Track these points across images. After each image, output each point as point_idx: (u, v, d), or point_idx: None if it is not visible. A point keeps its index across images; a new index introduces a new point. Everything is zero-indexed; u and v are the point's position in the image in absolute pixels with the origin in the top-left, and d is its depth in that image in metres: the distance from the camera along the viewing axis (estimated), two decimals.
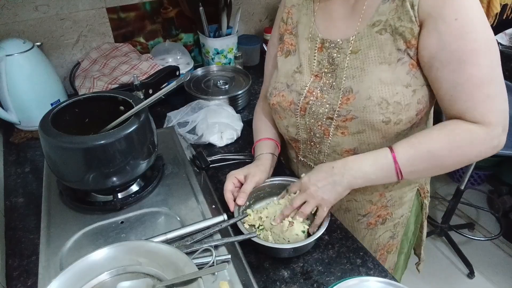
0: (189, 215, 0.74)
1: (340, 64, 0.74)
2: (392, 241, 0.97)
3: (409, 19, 0.66)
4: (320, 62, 0.78)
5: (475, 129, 0.66)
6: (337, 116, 0.74)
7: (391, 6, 0.68)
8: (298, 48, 0.81)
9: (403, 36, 0.67)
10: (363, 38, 0.71)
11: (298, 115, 0.81)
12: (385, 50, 0.69)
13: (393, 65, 0.69)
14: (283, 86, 0.83)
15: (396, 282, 0.62)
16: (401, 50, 0.68)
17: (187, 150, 0.96)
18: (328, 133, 0.78)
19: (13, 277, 0.72)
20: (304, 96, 0.79)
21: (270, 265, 0.74)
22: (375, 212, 0.90)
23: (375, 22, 0.70)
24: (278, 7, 0.91)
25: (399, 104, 0.69)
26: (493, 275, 1.94)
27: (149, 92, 1.14)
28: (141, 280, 0.55)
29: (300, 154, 0.90)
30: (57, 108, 0.75)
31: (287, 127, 0.86)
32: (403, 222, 0.95)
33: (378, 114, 0.70)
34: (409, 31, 0.66)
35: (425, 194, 0.96)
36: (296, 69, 0.81)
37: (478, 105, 0.66)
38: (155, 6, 1.41)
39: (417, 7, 0.65)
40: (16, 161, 1.04)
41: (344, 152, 0.79)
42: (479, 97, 0.65)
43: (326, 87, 0.76)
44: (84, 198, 0.78)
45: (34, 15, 1.22)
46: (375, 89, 0.70)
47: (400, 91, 0.69)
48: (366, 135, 0.74)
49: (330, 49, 0.76)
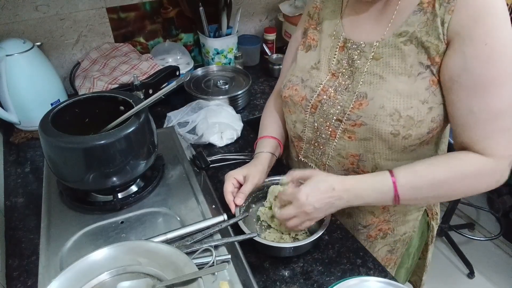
0: (189, 215, 0.74)
1: (360, 67, 0.72)
2: (390, 256, 0.95)
3: (437, 36, 0.63)
4: (339, 61, 0.76)
5: (483, 162, 0.64)
6: (347, 120, 0.73)
7: (421, 18, 0.65)
8: (320, 44, 0.80)
9: (428, 51, 0.65)
10: (386, 45, 0.69)
11: (308, 112, 0.80)
12: (407, 61, 0.67)
13: (412, 77, 0.67)
14: (298, 80, 0.82)
15: (396, 282, 0.62)
16: (423, 65, 0.66)
17: (187, 150, 0.96)
18: (335, 135, 0.77)
19: (13, 277, 0.72)
20: (317, 94, 0.77)
21: (270, 265, 0.74)
22: (376, 225, 0.88)
23: (402, 32, 0.67)
24: (307, 2, 0.89)
25: (411, 119, 0.67)
26: (493, 275, 1.94)
27: (149, 92, 1.14)
28: (141, 280, 0.55)
29: (301, 154, 0.89)
30: (57, 108, 0.75)
31: (295, 122, 0.85)
32: (404, 240, 0.93)
33: (388, 125, 0.68)
34: (435, 47, 0.64)
35: (433, 216, 0.92)
36: (314, 64, 0.80)
37: (490, 136, 0.63)
38: (155, 6, 1.41)
39: (447, 25, 0.62)
40: (16, 161, 1.04)
41: (349, 156, 0.78)
42: (492, 129, 0.63)
43: (341, 88, 0.75)
44: (84, 198, 0.78)
45: (34, 15, 1.22)
46: (390, 99, 0.68)
47: (416, 105, 0.67)
48: (372, 143, 0.73)
49: (352, 50, 0.74)
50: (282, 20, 1.62)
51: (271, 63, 1.50)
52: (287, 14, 1.54)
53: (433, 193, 0.68)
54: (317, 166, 0.86)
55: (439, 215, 0.96)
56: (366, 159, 0.76)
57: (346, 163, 0.80)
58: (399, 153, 0.74)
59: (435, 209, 0.93)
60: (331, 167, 0.83)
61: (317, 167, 0.86)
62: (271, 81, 1.49)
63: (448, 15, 0.61)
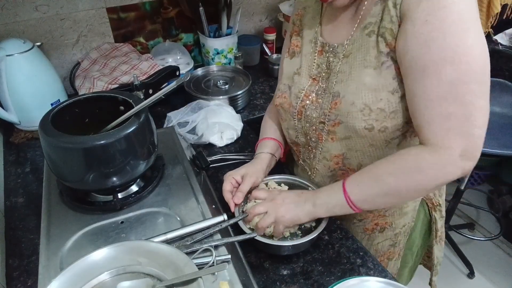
0: (189, 215, 0.74)
1: (334, 68, 0.73)
2: (393, 249, 0.94)
3: (390, 19, 0.63)
4: (319, 65, 0.77)
5: (423, 154, 0.61)
6: (328, 121, 0.74)
7: (380, 7, 0.65)
8: (302, 50, 0.81)
9: (384, 37, 0.64)
10: (355, 41, 0.69)
11: (296, 119, 0.81)
12: (371, 53, 0.66)
13: (378, 69, 0.66)
14: (286, 88, 0.83)
15: (396, 282, 0.62)
16: (383, 53, 0.65)
17: (187, 150, 0.96)
18: (321, 138, 0.78)
19: (13, 277, 0.72)
20: (301, 100, 0.79)
21: (270, 265, 0.74)
22: (371, 220, 0.88)
23: (367, 24, 0.67)
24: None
25: (382, 111, 0.67)
26: (493, 275, 1.94)
27: (149, 92, 1.14)
28: (141, 280, 0.55)
29: (300, 158, 0.90)
30: (57, 108, 0.75)
31: (288, 129, 0.86)
32: (405, 231, 0.92)
33: (360, 121, 0.68)
34: (389, 32, 0.63)
35: (435, 207, 0.91)
36: (296, 70, 0.81)
37: (430, 122, 0.60)
38: (155, 6, 1.41)
39: (399, 6, 0.61)
40: (16, 161, 1.04)
41: (333, 158, 0.79)
42: (433, 114, 0.59)
43: (321, 91, 0.76)
44: (84, 198, 0.78)
45: (34, 15, 1.22)
46: (358, 94, 0.68)
47: (385, 97, 0.66)
48: (353, 141, 0.73)
49: (329, 53, 0.75)
50: (282, 20, 1.62)
51: (271, 63, 1.50)
52: (287, 14, 1.54)
53: (378, 189, 0.65)
54: (310, 170, 0.87)
55: (444, 208, 0.93)
56: (350, 157, 0.77)
57: (331, 165, 0.81)
58: (383, 149, 0.73)
59: (436, 200, 0.91)
60: (319, 170, 0.85)
61: (310, 171, 0.88)
62: (271, 81, 1.49)
63: None
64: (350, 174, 0.80)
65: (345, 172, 0.81)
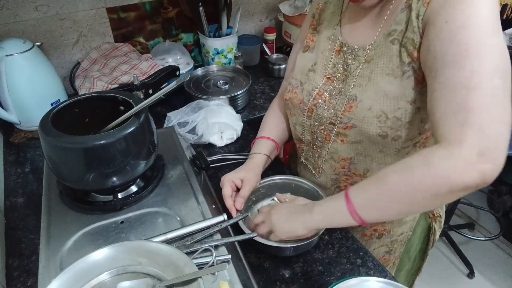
0: (189, 215, 0.74)
1: (353, 71, 0.72)
2: (388, 256, 0.94)
3: (412, 30, 0.62)
4: (335, 65, 0.76)
5: (434, 150, 0.53)
6: (339, 123, 0.73)
7: (406, 16, 0.64)
8: (318, 46, 0.80)
9: (406, 47, 0.63)
10: (378, 47, 0.68)
11: (305, 116, 0.81)
12: (394, 61, 0.66)
13: (398, 78, 0.65)
14: (297, 83, 0.82)
15: (396, 282, 0.62)
16: (405, 63, 0.64)
17: (187, 150, 0.96)
18: (329, 138, 0.77)
19: (13, 277, 0.72)
20: (313, 98, 0.78)
21: (270, 265, 0.74)
22: (370, 226, 0.88)
23: (391, 31, 0.66)
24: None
25: (398, 120, 0.67)
26: (493, 275, 1.94)
27: (149, 92, 1.14)
28: (141, 280, 0.55)
29: (303, 156, 0.90)
30: (57, 108, 0.75)
31: (295, 125, 0.86)
32: (402, 240, 0.92)
33: (375, 127, 0.68)
34: (411, 42, 0.62)
35: (436, 218, 0.89)
36: (311, 66, 0.80)
37: (448, 116, 0.53)
38: (155, 6, 1.41)
39: (422, 17, 0.60)
40: (16, 161, 1.04)
41: (340, 160, 0.79)
42: (450, 106, 0.53)
43: (335, 92, 0.75)
44: (84, 198, 0.78)
45: (34, 15, 1.22)
46: (377, 100, 0.67)
47: (403, 106, 0.66)
48: (363, 146, 0.73)
49: (347, 55, 0.74)
50: (282, 20, 1.62)
51: (271, 63, 1.50)
52: (287, 14, 1.54)
53: (380, 189, 0.58)
54: (314, 169, 0.87)
55: (443, 219, 0.93)
56: (357, 162, 0.76)
57: (337, 167, 0.81)
58: (392, 157, 0.73)
59: (438, 211, 0.90)
60: (324, 170, 0.84)
61: (314, 170, 0.87)
62: (271, 81, 1.49)
63: (423, 7, 0.60)
64: (354, 179, 0.81)
65: (349, 178, 0.81)
